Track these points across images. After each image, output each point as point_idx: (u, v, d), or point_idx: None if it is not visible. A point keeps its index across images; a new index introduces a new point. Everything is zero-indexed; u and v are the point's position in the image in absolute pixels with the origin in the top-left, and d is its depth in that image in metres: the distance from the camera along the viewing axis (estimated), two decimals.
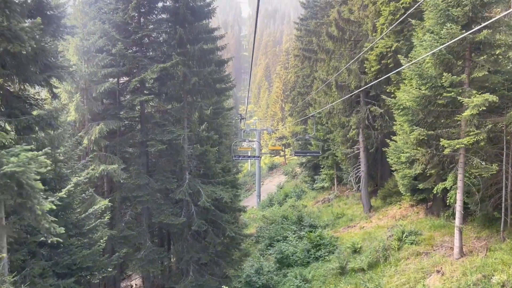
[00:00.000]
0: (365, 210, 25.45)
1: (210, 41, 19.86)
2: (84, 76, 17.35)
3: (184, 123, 20.23)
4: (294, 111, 46.18)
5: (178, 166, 20.05)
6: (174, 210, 19.03)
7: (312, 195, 39.17)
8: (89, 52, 17.35)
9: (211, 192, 19.47)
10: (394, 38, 20.30)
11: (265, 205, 44.83)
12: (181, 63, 18.29)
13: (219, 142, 26.17)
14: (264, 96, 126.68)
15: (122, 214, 18.62)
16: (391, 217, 22.80)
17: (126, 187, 18.00)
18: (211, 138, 21.51)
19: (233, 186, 29.91)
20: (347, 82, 23.48)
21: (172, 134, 18.03)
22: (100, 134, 16.79)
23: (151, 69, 17.77)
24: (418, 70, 14.48)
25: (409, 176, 19.38)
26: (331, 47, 23.20)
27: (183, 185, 19.10)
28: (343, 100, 23.72)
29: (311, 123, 35.72)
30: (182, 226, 18.93)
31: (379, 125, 22.99)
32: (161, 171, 18.76)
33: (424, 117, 15.14)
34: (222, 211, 21.47)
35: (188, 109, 20.22)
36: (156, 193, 18.66)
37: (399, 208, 23.49)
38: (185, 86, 19.52)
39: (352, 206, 28.44)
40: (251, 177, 74.05)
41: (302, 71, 42.72)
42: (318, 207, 32.72)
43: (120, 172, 16.99)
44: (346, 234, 22.94)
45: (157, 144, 17.68)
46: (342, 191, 34.52)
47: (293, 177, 57.49)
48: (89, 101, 17.71)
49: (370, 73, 21.82)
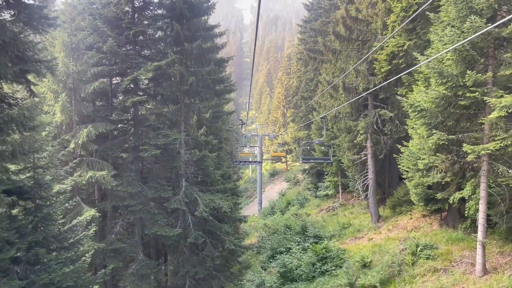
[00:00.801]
0: (373, 220, 23.97)
1: (209, 39, 18.54)
2: (72, 75, 16.03)
3: (181, 126, 18.86)
4: (297, 116, 44.85)
5: (174, 173, 18.67)
6: (169, 221, 17.60)
7: (316, 203, 37.68)
8: (77, 49, 16.04)
9: (209, 201, 18.04)
10: (406, 36, 18.97)
11: (266, 213, 43.35)
12: (178, 62, 16.97)
13: (219, 147, 24.81)
14: (266, 102, 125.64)
15: (113, 224, 17.18)
16: (402, 228, 21.31)
17: (117, 196, 16.59)
18: (210, 143, 20.15)
19: (233, 193, 28.54)
20: (354, 84, 22.13)
21: (167, 138, 16.65)
22: (88, 138, 15.42)
23: (145, 68, 16.45)
24: (437, 68, 13.09)
25: (423, 185, 18.00)
26: (337, 47, 21.87)
27: (179, 193, 17.69)
28: (350, 103, 22.35)
29: (315, 128, 34.35)
30: (178, 238, 17.48)
31: (388, 129, 21.59)
32: (155, 178, 17.36)
33: (444, 120, 13.75)
34: (221, 221, 20.05)
35: (185, 112, 18.86)
36: (150, 202, 17.24)
37: (410, 218, 22.01)
38: (182, 86, 18.17)
39: (358, 216, 26.95)
40: (252, 184, 72.61)
41: (305, 74, 41.44)
42: (322, 216, 31.23)
43: (109, 179, 15.60)
44: (354, 246, 21.45)
45: (151, 149, 16.29)
46: (347, 199, 33.05)
47: (295, 184, 56.05)
48: (77, 102, 16.37)
49: (379, 74, 20.46)
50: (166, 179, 18.22)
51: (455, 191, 15.61)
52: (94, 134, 15.55)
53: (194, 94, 18.96)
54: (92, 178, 15.24)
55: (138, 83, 16.84)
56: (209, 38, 18.51)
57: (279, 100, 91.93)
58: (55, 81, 15.42)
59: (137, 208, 16.40)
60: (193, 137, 19.33)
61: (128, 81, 16.12)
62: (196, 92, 18.87)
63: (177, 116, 18.18)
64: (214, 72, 18.75)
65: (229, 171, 29.22)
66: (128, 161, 17.25)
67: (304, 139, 41.95)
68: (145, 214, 16.85)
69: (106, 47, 15.96)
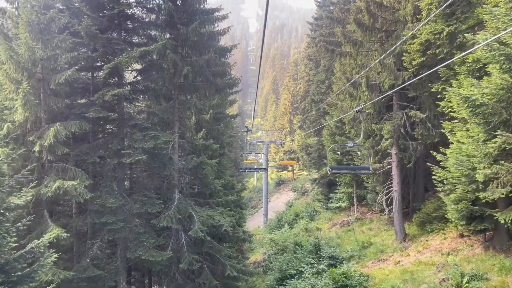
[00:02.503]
0: (398, 239, 20.69)
1: (209, 23, 15.56)
2: (41, 63, 13.06)
3: (175, 127, 15.83)
4: (307, 120, 41.75)
5: (165, 183, 15.57)
6: (158, 241, 14.48)
7: (327, 216, 34.35)
8: (47, 31, 13.08)
9: (207, 217, 14.93)
10: (444, 22, 15.88)
11: (273, 225, 40.06)
12: (170, 48, 14.00)
13: (221, 153, 21.70)
14: (271, 109, 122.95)
15: (90, 245, 14.06)
16: (435, 250, 18.02)
17: (95, 211, 13.51)
18: (209, 148, 17.10)
19: (237, 205, 25.41)
20: (378, 81, 19.02)
21: (156, 140, 13.59)
22: (57, 139, 12.40)
23: (130, 55, 13.45)
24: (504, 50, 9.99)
25: (467, 200, 14.81)
26: (359, 37, 18.83)
27: (170, 207, 14.58)
28: (373, 104, 19.22)
29: (327, 133, 31.21)
30: (169, 262, 14.34)
31: (419, 134, 18.40)
32: (141, 189, 14.27)
33: (509, 118, 10.62)
34: (222, 240, 16.92)
35: (180, 110, 15.84)
36: (134, 218, 14.13)
37: (443, 238, 18.70)
38: (175, 79, 15.18)
39: (379, 233, 23.64)
40: (257, 193, 69.39)
41: (316, 76, 38.43)
42: (336, 231, 27.91)
43: (82, 191, 12.53)
44: (378, 271, 18.17)
45: (135, 154, 13.24)
46: (363, 212, 29.74)
47: (302, 194, 52.81)
48: (46, 96, 13.37)
49: (410, 68, 17.34)
50: (156, 190, 15.13)
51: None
52: (64, 135, 12.53)
53: (191, 89, 15.97)
54: (60, 189, 12.17)
55: (121, 73, 13.85)
56: (209, 22, 15.53)
57: (285, 107, 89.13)
58: (16, 68, 12.45)
59: (117, 226, 13.30)
60: (189, 140, 16.28)
61: (108, 69, 13.10)
62: (193, 87, 15.87)
63: (170, 115, 15.16)
64: (214, 62, 15.78)
65: (232, 180, 26.11)
66: (108, 168, 14.18)
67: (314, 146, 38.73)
68: (127, 233, 13.74)
69: (82, 28, 12.99)
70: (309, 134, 41.01)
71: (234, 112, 35.44)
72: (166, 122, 16.43)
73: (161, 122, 16.35)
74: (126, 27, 15.49)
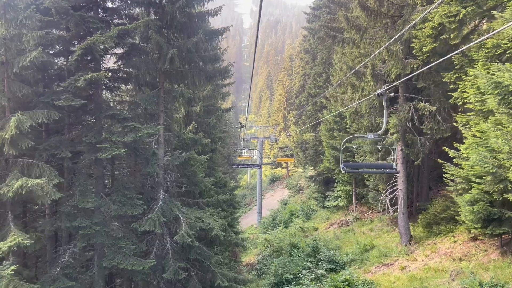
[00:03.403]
0: (403, 241, 19.21)
1: (198, 1, 13.85)
2: (4, 42, 11.34)
3: (160, 119, 14.16)
4: (303, 115, 40.13)
5: (149, 181, 13.91)
6: (139, 247, 12.83)
7: (324, 215, 32.86)
8: (11, 6, 11.34)
9: (196, 219, 13.31)
10: (459, 3, 14.34)
11: (267, 224, 38.52)
12: (153, 28, 12.30)
13: (212, 148, 20.08)
14: (266, 105, 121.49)
15: (61, 252, 12.38)
16: (444, 255, 16.56)
17: (65, 213, 11.83)
18: (199, 142, 15.46)
19: (229, 205, 23.83)
20: (383, 71, 17.46)
21: (137, 133, 11.91)
22: (20, 130, 10.69)
23: (106, 34, 11.74)
24: None
25: (484, 201, 13.35)
26: (363, 23, 17.26)
27: (154, 209, 12.93)
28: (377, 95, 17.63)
29: (325, 129, 29.65)
30: (152, 271, 12.71)
31: (428, 128, 16.89)
32: (121, 189, 12.59)
33: None
34: (212, 243, 15.30)
35: (166, 100, 14.16)
36: (112, 221, 12.46)
37: (453, 241, 17.24)
38: (160, 64, 13.50)
39: (382, 234, 22.15)
40: (250, 190, 67.85)
41: (312, 69, 36.83)
42: (334, 232, 26.41)
43: (50, 190, 10.84)
44: (383, 277, 16.67)
45: (112, 148, 11.56)
46: (362, 212, 28.27)
47: (297, 192, 51.38)
48: (11, 82, 11.64)
49: (420, 56, 15.79)
50: (138, 189, 13.47)
51: None
52: (28, 126, 10.82)
53: (178, 76, 14.30)
54: (23, 189, 10.47)
55: (96, 56, 12.11)
56: (198, 1, 13.82)
57: (280, 103, 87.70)
58: None
59: (91, 230, 11.64)
60: (176, 133, 14.62)
61: (80, 50, 11.39)
62: (180, 74, 14.21)
63: (154, 105, 13.47)
64: (204, 47, 14.10)
65: (225, 177, 24.50)
66: (83, 165, 12.48)
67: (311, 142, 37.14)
68: (104, 238, 12.07)
69: (51, 3, 11.27)
70: (305, 130, 39.43)
71: (227, 106, 33.76)
72: (151, 114, 14.79)
73: (145, 113, 14.70)
74: (105, 6, 13.76)
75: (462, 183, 14.56)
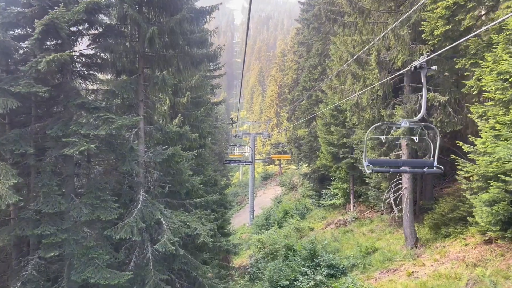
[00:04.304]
0: (408, 244, 17.73)
1: None
2: None
3: (139, 109, 12.45)
4: (298, 110, 38.53)
5: (127, 181, 12.20)
6: (116, 257, 11.13)
7: (320, 215, 31.34)
8: None
9: (181, 224, 11.66)
10: None
11: (260, 224, 36.97)
12: (129, 2, 10.56)
13: (201, 144, 18.40)
14: (258, 102, 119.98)
15: (23, 264, 10.64)
16: (456, 260, 15.09)
17: (25, 219, 10.10)
18: (185, 137, 13.79)
19: (220, 205, 22.20)
20: (388, 58, 15.90)
21: (110, 124, 10.19)
22: None
23: (73, 9, 9.99)
24: None
25: (506, 201, 11.92)
26: (366, 5, 15.70)
27: (132, 212, 11.25)
28: (382, 85, 16.12)
29: (321, 123, 28.06)
30: (130, 283, 11.03)
31: (438, 120, 15.38)
32: (93, 190, 10.86)
33: None
34: (200, 250, 13.66)
35: (146, 88, 12.45)
36: (83, 227, 10.74)
37: (464, 244, 15.79)
38: (139, 47, 11.78)
39: (384, 236, 20.67)
40: (242, 188, 66.28)
41: (307, 62, 35.21)
42: (332, 232, 24.90)
43: (5, 192, 9.10)
44: (389, 285, 15.17)
45: (81, 142, 9.84)
46: (361, 211, 26.80)
47: (291, 189, 49.89)
48: None
49: (430, 40, 14.24)
50: (114, 190, 11.76)
51: None
52: None
53: (161, 61, 12.57)
54: None
55: (62, 35, 10.32)
56: None
57: (272, 98, 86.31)
58: None
59: (57, 239, 9.93)
60: (158, 127, 12.91)
61: (41, 27, 9.61)
62: (163, 59, 12.50)
63: (132, 93, 11.75)
64: (189, 27, 12.41)
65: (215, 175, 22.81)
66: (48, 162, 10.72)
67: (305, 138, 35.46)
68: (73, 247, 10.35)
69: None
70: (300, 125, 37.85)
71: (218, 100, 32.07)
72: (131, 105, 13.07)
73: (123, 104, 13.00)
74: None
75: (479, 181, 13.11)
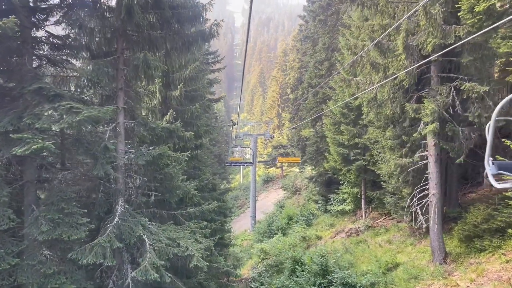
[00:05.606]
0: (436, 259, 15.35)
1: None
2: None
3: (118, 100, 10.12)
4: (303, 109, 36.19)
5: (102, 188, 9.84)
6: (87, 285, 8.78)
7: (327, 221, 28.94)
8: None
9: (169, 242, 9.31)
10: None
11: (262, 230, 34.55)
12: None
13: (197, 144, 16.05)
14: (258, 103, 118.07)
15: None
16: (498, 280, 12.72)
17: None
18: (176, 134, 11.48)
19: (219, 213, 19.84)
20: (415, 43, 13.57)
21: (75, 116, 7.85)
22: None
23: None
24: None
25: None
26: None
27: (106, 229, 8.90)
28: (408, 74, 13.78)
29: (329, 123, 25.72)
30: None
31: (475, 115, 13.05)
32: (55, 201, 8.52)
33: None
34: (192, 274, 11.29)
35: (126, 74, 10.12)
36: (42, 248, 8.40)
37: (504, 261, 13.42)
38: (116, 21, 9.46)
39: (404, 248, 18.28)
40: (243, 191, 63.91)
41: (313, 57, 32.91)
42: (343, 242, 22.51)
43: None
44: None
45: (35, 139, 7.52)
46: (373, 218, 24.44)
47: (294, 193, 47.49)
48: None
49: (469, 19, 11.92)
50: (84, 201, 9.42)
51: None
52: None
53: (145, 42, 10.26)
54: None
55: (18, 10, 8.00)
56: None
57: (273, 99, 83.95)
58: None
59: (4, 266, 7.58)
60: (142, 121, 10.58)
61: None
62: (148, 39, 10.19)
63: (106, 78, 9.43)
64: (180, 2, 10.08)
65: (214, 179, 20.44)
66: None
67: (311, 138, 33.04)
68: (28, 275, 8.01)
69: None
70: (304, 125, 35.53)
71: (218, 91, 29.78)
72: (110, 95, 10.76)
73: (100, 94, 10.69)
74: None
75: None
